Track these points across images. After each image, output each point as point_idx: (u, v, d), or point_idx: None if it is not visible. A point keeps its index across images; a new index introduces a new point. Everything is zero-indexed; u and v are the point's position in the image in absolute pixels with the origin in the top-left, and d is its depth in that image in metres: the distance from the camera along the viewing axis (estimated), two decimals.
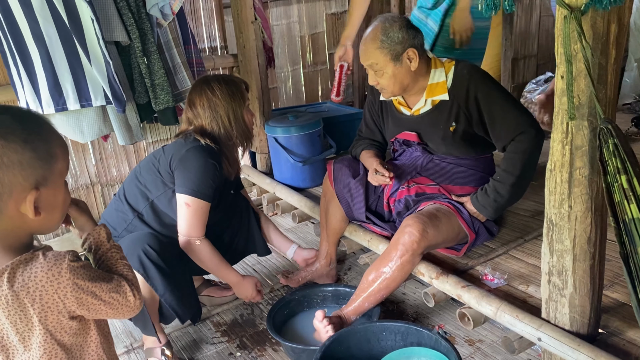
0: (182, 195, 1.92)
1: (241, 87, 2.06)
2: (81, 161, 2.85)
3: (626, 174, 1.19)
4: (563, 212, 1.44)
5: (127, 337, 2.16)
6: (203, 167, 1.91)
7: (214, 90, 2.00)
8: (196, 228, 1.94)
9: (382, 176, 2.03)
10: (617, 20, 1.27)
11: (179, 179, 1.93)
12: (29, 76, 2.23)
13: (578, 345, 1.47)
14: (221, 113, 2.01)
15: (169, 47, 2.52)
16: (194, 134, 1.98)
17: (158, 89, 2.42)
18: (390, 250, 1.90)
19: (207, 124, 2.01)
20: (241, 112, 2.05)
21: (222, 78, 2.06)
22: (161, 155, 2.00)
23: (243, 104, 2.05)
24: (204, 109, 2.01)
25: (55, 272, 1.00)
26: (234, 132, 2.04)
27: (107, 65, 2.21)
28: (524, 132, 1.89)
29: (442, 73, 1.98)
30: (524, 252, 2.07)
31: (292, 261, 2.39)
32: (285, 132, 2.85)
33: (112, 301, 1.09)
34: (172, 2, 2.37)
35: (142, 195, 2.00)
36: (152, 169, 2.01)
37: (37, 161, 0.99)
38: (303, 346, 1.86)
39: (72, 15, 2.14)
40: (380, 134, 2.28)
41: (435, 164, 2.10)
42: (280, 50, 4.28)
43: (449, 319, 2.10)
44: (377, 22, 1.94)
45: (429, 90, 2.00)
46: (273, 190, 2.99)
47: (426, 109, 2.04)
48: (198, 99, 2.01)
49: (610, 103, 1.34)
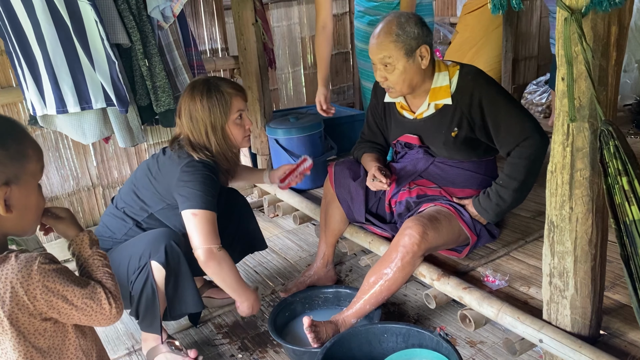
0: (187, 211, 1.85)
1: (227, 98, 1.93)
2: (82, 163, 2.85)
3: (627, 175, 1.20)
4: (564, 213, 1.44)
5: (128, 339, 2.17)
6: (201, 181, 1.86)
7: (194, 98, 1.92)
8: (211, 236, 1.86)
9: (379, 182, 2.02)
10: (617, 22, 1.27)
11: (180, 197, 1.87)
12: (33, 78, 2.24)
13: (579, 346, 1.47)
14: (199, 125, 1.92)
15: (170, 50, 2.52)
16: (185, 146, 1.93)
17: (159, 91, 2.42)
18: (390, 252, 1.91)
19: (190, 134, 1.94)
20: (222, 126, 1.93)
21: (210, 85, 1.94)
22: (157, 172, 1.95)
23: (226, 117, 1.93)
24: (185, 117, 1.94)
25: (25, 274, 1.01)
26: (212, 148, 1.94)
27: (112, 65, 2.22)
28: (528, 138, 1.87)
29: (446, 77, 1.96)
30: (525, 254, 2.07)
31: (270, 184, 2.39)
32: (286, 134, 2.85)
33: (84, 307, 1.08)
34: (173, 5, 2.38)
35: (142, 209, 1.98)
36: (149, 186, 1.96)
37: (8, 159, 1.03)
38: (304, 348, 1.86)
39: (74, 17, 2.14)
40: (383, 136, 2.28)
41: (436, 166, 2.10)
42: (281, 51, 4.29)
43: (450, 321, 2.10)
44: (390, 18, 1.90)
45: (432, 94, 1.99)
46: (274, 192, 2.99)
47: (429, 112, 2.03)
48: (182, 105, 1.95)
49: (610, 105, 1.35)
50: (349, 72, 4.73)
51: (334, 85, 4.68)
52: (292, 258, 2.70)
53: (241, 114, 1.97)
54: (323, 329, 1.86)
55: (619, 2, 1.14)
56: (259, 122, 3.10)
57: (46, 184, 2.77)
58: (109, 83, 2.24)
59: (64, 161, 2.80)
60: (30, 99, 2.30)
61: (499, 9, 1.30)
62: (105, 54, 2.21)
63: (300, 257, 2.69)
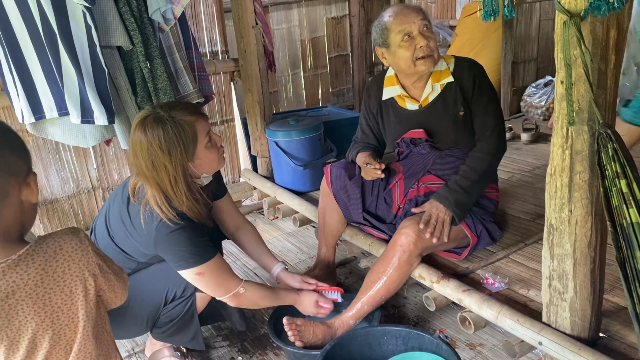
0: (186, 272, 1.66)
1: (185, 129, 1.59)
2: (82, 165, 2.86)
3: (626, 178, 1.20)
4: (563, 216, 1.44)
5: (128, 342, 2.16)
6: (186, 239, 1.62)
7: (152, 145, 1.58)
8: (228, 282, 1.71)
9: (372, 168, 2.04)
10: (616, 26, 1.28)
11: (170, 260, 1.67)
12: (22, 84, 2.22)
13: (579, 349, 1.48)
14: (162, 175, 1.60)
15: (171, 52, 2.52)
16: (149, 203, 1.63)
17: (161, 93, 2.42)
18: (388, 252, 1.91)
19: (153, 186, 1.62)
20: (182, 169, 1.62)
21: (163, 119, 1.59)
22: (131, 228, 1.69)
23: (191, 153, 1.62)
24: (147, 166, 1.61)
25: (83, 254, 1.06)
26: (179, 202, 1.64)
27: (102, 73, 2.19)
28: (493, 136, 2.05)
29: (443, 63, 2.07)
30: (524, 256, 2.07)
31: (274, 280, 2.10)
32: (286, 136, 2.86)
33: (121, 275, 1.17)
34: (174, 7, 2.38)
35: (130, 260, 1.77)
36: (130, 242, 1.72)
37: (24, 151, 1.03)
38: (304, 351, 1.86)
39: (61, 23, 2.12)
40: (375, 138, 2.29)
41: (444, 159, 2.11)
42: (280, 54, 4.30)
43: (450, 323, 2.10)
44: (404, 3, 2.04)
45: (434, 76, 2.05)
46: (274, 194, 2.99)
47: (435, 94, 2.07)
48: (139, 151, 1.61)
49: (609, 108, 1.35)
50: (349, 74, 4.74)
51: (333, 87, 4.69)
52: (292, 260, 2.70)
53: (210, 135, 1.69)
54: (310, 329, 1.86)
55: (617, 7, 1.14)
56: (259, 125, 3.10)
57: (46, 187, 2.77)
58: (94, 94, 2.19)
59: (64, 163, 2.80)
60: (20, 107, 2.28)
61: (491, 16, 1.31)
62: (95, 62, 2.18)
63: (300, 260, 2.69)
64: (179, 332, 1.84)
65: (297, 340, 1.84)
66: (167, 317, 1.80)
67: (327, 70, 4.60)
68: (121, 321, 1.78)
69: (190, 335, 1.86)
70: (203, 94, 2.70)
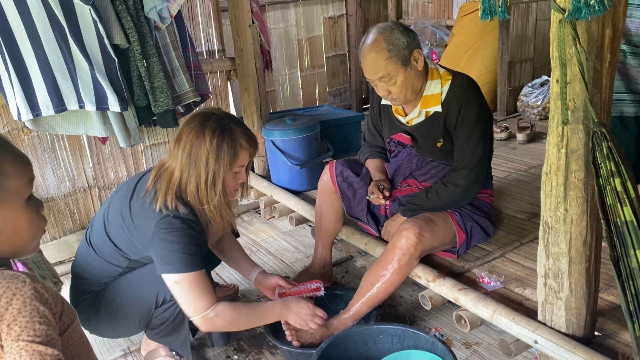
0: (168, 276, 1.64)
1: (236, 147, 1.67)
2: (79, 164, 2.85)
3: (620, 177, 1.20)
4: (559, 215, 1.45)
5: (124, 341, 2.16)
6: (180, 243, 1.62)
7: (203, 137, 1.64)
8: (199, 302, 1.65)
9: (377, 198, 2.08)
10: (611, 25, 1.28)
11: (156, 258, 1.66)
12: (20, 81, 2.22)
13: (574, 347, 1.48)
14: (200, 169, 1.64)
15: (167, 50, 2.52)
16: (164, 189, 1.66)
17: (157, 92, 2.42)
18: (387, 254, 1.91)
19: (180, 175, 1.66)
20: (222, 176, 1.67)
21: (224, 125, 1.67)
22: (130, 224, 1.70)
23: (230, 167, 1.67)
24: (184, 153, 1.66)
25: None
26: (207, 199, 1.67)
27: (112, 63, 2.24)
28: (465, 169, 1.96)
29: (438, 85, 1.97)
30: (520, 255, 2.07)
31: (252, 285, 2.12)
32: (283, 135, 2.85)
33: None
34: (170, 6, 2.38)
35: (125, 258, 1.77)
36: (125, 239, 1.73)
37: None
38: (300, 349, 1.86)
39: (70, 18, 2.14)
40: (381, 137, 2.30)
41: (429, 164, 2.12)
42: (277, 53, 4.29)
43: (445, 322, 2.10)
44: (374, 35, 1.87)
45: (423, 101, 2.00)
46: (270, 194, 2.99)
47: (419, 120, 2.05)
48: (184, 137, 1.67)
49: (604, 107, 1.35)
50: (346, 74, 4.74)
51: (330, 87, 4.69)
52: (289, 259, 2.70)
53: (243, 169, 1.75)
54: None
55: (598, 10, 1.14)
56: (256, 124, 3.10)
57: (42, 185, 2.76)
58: (107, 82, 2.24)
59: (60, 162, 2.79)
60: (16, 103, 2.28)
61: (489, 16, 1.31)
62: (105, 53, 2.22)
63: (297, 259, 2.69)
64: (171, 334, 1.84)
65: (295, 340, 1.84)
66: (160, 320, 1.80)
67: (324, 70, 4.60)
68: (113, 321, 1.79)
69: (181, 340, 1.85)
70: (199, 93, 2.70)
